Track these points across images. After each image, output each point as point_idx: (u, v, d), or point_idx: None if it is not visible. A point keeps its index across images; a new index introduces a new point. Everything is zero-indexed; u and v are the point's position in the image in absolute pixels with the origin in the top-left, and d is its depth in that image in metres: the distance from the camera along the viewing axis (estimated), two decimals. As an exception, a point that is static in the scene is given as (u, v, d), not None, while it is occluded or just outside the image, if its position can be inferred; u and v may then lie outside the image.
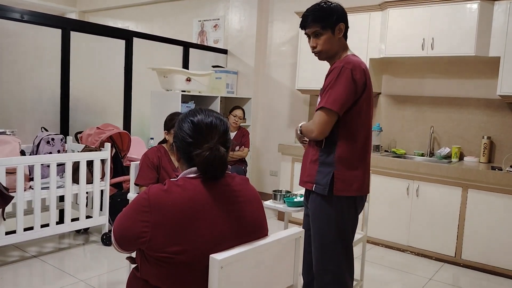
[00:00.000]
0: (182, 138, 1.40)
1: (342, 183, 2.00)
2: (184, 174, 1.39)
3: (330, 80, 1.96)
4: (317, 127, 1.97)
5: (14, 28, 3.57)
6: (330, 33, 2.01)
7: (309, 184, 2.08)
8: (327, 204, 2.03)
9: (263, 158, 5.38)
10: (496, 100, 3.85)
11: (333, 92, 1.94)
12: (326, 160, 2.02)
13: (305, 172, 2.13)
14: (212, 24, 5.63)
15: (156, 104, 4.45)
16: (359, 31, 4.16)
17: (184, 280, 1.28)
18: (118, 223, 1.35)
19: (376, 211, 3.94)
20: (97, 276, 3.09)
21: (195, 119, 1.40)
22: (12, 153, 3.17)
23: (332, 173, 1.99)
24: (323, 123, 1.96)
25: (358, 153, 2.04)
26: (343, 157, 2.00)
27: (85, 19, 7.35)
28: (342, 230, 2.06)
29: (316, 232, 2.09)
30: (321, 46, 2.03)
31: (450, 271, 3.51)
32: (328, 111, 1.95)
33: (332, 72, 1.97)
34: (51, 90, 3.86)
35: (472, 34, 3.55)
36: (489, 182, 3.42)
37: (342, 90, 1.93)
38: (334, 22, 2.00)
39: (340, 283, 2.08)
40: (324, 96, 1.97)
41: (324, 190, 2.00)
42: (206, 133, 1.39)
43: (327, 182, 2.00)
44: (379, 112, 4.52)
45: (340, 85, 1.93)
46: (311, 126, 2.02)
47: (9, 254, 3.37)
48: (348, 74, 1.93)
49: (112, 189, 3.82)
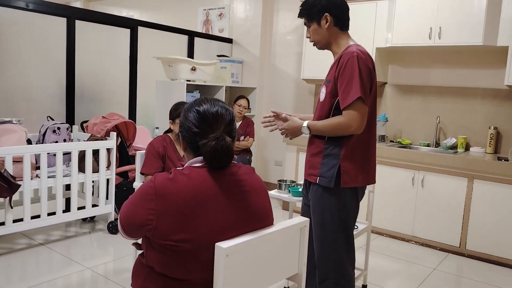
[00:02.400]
0: (188, 128, 1.40)
1: (348, 175, 1.99)
2: (190, 163, 1.40)
3: (351, 70, 1.92)
4: (359, 121, 1.92)
5: (19, 16, 3.57)
6: (316, 25, 2.08)
7: (313, 177, 2.07)
8: (330, 195, 2.03)
9: (268, 148, 5.38)
10: (504, 90, 3.82)
11: (361, 83, 1.91)
12: (331, 152, 2.01)
13: (307, 164, 2.13)
14: (217, 13, 5.59)
15: (161, 93, 4.45)
16: (366, 20, 4.12)
17: (189, 268, 1.29)
18: (124, 210, 1.36)
19: (381, 201, 3.94)
20: (103, 264, 3.12)
21: (201, 108, 1.40)
22: (19, 142, 3.19)
23: (338, 166, 1.98)
24: (363, 115, 1.94)
25: (364, 144, 2.03)
26: (349, 149, 1.99)
27: (90, 8, 7.32)
28: (344, 220, 2.06)
29: (318, 223, 2.09)
30: (312, 37, 2.12)
31: (454, 261, 3.51)
32: (363, 103, 1.93)
33: (348, 62, 1.93)
34: (57, 79, 3.87)
35: (480, 23, 3.51)
36: (495, 173, 3.41)
37: (366, 80, 1.93)
38: (317, 13, 2.05)
39: (342, 272, 2.09)
40: (349, 88, 1.91)
41: (330, 183, 1.99)
42: (212, 122, 1.39)
43: (332, 174, 1.99)
44: (385, 102, 4.49)
45: (364, 75, 1.93)
46: (344, 121, 1.93)
47: (16, 242, 3.41)
48: (365, 63, 1.94)
49: (118, 178, 3.84)
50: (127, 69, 4.44)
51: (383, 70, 4.39)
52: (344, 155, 1.98)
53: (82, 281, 2.86)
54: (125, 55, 4.41)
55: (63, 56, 3.87)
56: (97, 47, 4.18)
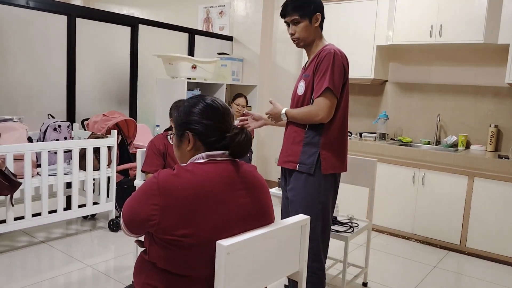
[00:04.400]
0: (207, 124, 1.41)
1: (327, 162, 2.15)
2: (193, 160, 1.41)
3: (327, 65, 2.07)
4: (326, 110, 2.08)
5: (19, 14, 3.57)
6: (308, 22, 2.16)
7: (291, 163, 2.20)
8: (310, 182, 2.15)
9: (268, 145, 5.38)
10: (504, 88, 3.81)
11: (332, 77, 2.06)
12: (312, 141, 2.15)
13: (286, 152, 2.25)
14: (218, 11, 5.59)
15: (161, 91, 4.45)
16: (367, 18, 4.12)
17: (192, 263, 1.30)
18: (127, 206, 1.36)
19: (382, 199, 3.94)
20: (104, 262, 3.13)
21: (215, 104, 1.44)
22: (20, 140, 3.19)
23: (318, 153, 2.14)
24: (331, 106, 2.09)
25: (340, 134, 2.19)
26: (328, 138, 2.15)
27: (90, 5, 7.31)
28: (324, 205, 2.18)
29: (297, 210, 2.17)
30: (299, 33, 2.18)
31: (454, 259, 3.52)
32: (333, 94, 2.08)
33: (325, 57, 2.08)
34: (58, 77, 3.87)
35: (481, 21, 3.50)
36: (496, 171, 3.41)
37: (338, 75, 2.08)
38: (312, 11, 2.16)
39: (317, 260, 2.21)
40: (322, 80, 2.07)
41: (310, 169, 2.14)
42: (226, 116, 1.44)
43: (312, 161, 2.14)
44: (386, 100, 4.49)
45: (337, 70, 2.08)
46: (314, 109, 2.10)
47: (17, 240, 3.42)
48: (340, 60, 2.09)
49: (119, 176, 3.84)
50: (127, 66, 4.43)
51: (384, 68, 4.38)
52: (323, 143, 2.14)
53: (83, 278, 2.86)
54: (126, 52, 4.41)
55: (63, 54, 3.87)
56: (98, 44, 4.18)
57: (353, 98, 4.61)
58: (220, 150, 1.42)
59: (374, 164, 2.86)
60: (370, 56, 4.15)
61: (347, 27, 4.23)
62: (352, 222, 2.80)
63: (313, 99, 2.13)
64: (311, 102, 2.15)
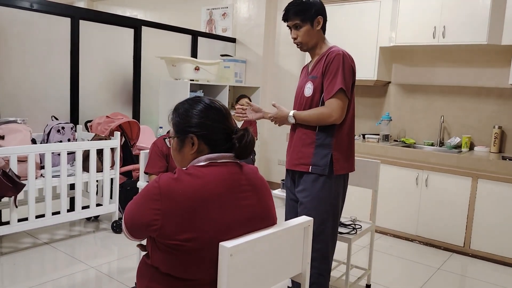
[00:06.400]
0: (212, 126, 1.41)
1: (338, 163, 2.16)
2: (193, 163, 1.40)
3: (337, 66, 2.09)
4: (339, 111, 2.09)
5: (23, 16, 3.58)
6: (309, 26, 2.18)
7: (304, 166, 2.19)
8: (322, 183, 2.15)
9: (271, 147, 5.38)
10: (508, 89, 3.80)
11: (343, 77, 2.08)
12: (324, 143, 2.15)
13: (296, 155, 2.23)
14: (221, 13, 5.59)
15: (164, 93, 4.46)
16: (370, 19, 4.11)
17: (195, 267, 1.30)
18: (129, 211, 1.35)
19: (385, 201, 3.93)
20: (107, 263, 3.13)
21: (216, 105, 1.44)
22: (23, 142, 3.20)
23: (331, 155, 2.14)
24: (344, 107, 2.11)
25: (349, 135, 2.21)
26: (339, 139, 2.16)
27: (93, 7, 7.34)
28: (335, 207, 2.20)
29: (308, 211, 2.17)
30: (301, 37, 2.20)
31: (458, 261, 3.50)
32: (345, 95, 2.10)
33: (335, 59, 2.10)
34: (61, 78, 3.88)
35: (485, 22, 3.49)
36: (500, 172, 3.39)
37: (349, 76, 2.11)
38: (313, 15, 2.16)
39: (325, 262, 2.22)
40: (334, 81, 2.08)
41: (324, 171, 2.14)
42: (228, 116, 1.46)
43: (326, 163, 2.14)
44: (389, 101, 4.48)
45: (347, 71, 2.10)
46: (327, 111, 2.10)
47: (21, 241, 3.43)
48: (349, 61, 2.12)
49: (122, 178, 3.85)
50: (131, 68, 4.45)
51: (387, 69, 4.38)
52: (335, 145, 2.15)
53: (86, 280, 2.87)
54: (129, 54, 4.42)
55: (67, 55, 3.89)
56: (101, 46, 4.19)
57: (356, 99, 4.59)
58: (223, 152, 1.41)
59: (377, 165, 2.85)
60: (373, 58, 4.14)
61: (350, 28, 4.23)
62: (355, 223, 2.79)
63: (323, 100, 2.13)
64: (320, 103, 2.15)
